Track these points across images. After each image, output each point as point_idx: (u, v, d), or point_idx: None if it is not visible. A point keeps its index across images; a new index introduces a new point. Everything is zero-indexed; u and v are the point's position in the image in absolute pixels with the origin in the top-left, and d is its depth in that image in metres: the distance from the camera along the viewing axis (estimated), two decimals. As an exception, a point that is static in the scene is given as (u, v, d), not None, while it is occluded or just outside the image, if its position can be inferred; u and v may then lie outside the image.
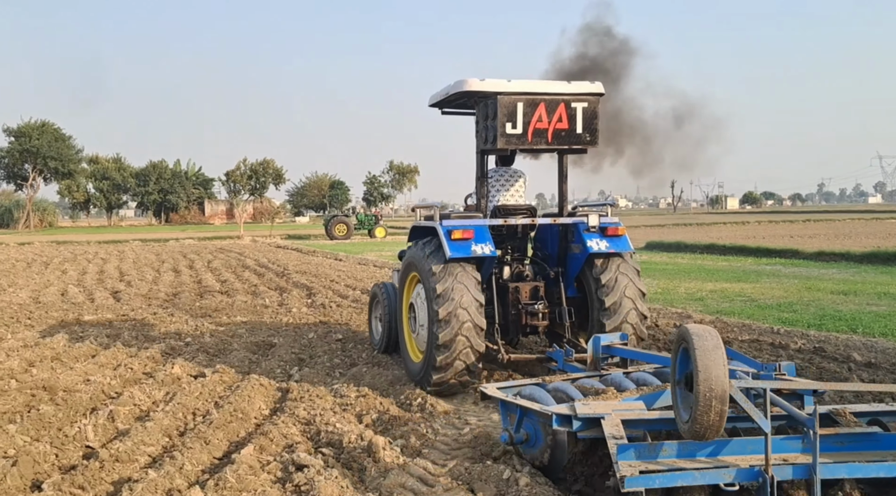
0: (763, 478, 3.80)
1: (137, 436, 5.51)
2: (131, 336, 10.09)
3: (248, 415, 6.26)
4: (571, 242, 7.48)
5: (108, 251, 33.06)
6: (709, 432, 3.77)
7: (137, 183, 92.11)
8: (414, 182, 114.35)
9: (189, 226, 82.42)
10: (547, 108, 6.93)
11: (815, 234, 35.67)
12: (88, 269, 22.75)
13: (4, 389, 7.17)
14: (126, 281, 18.53)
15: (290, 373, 7.91)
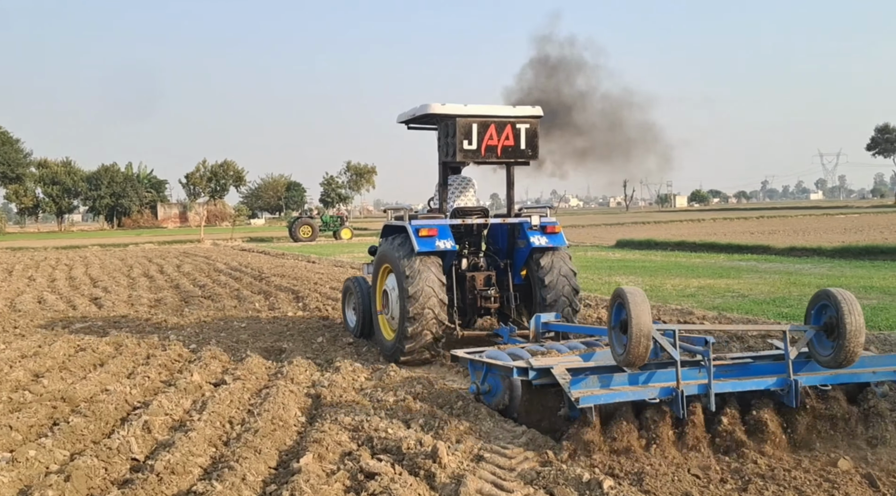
0: (675, 393, 5.19)
1: (184, 447, 5.36)
2: (133, 343, 9.82)
3: (288, 422, 6.14)
4: (518, 238, 8.98)
5: (70, 257, 32.16)
6: (637, 361, 5.13)
7: (89, 187, 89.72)
8: (372, 182, 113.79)
9: (142, 230, 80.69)
10: (497, 128, 8.47)
11: (774, 230, 36.61)
12: (56, 276, 22.10)
13: (21, 402, 6.93)
14: (101, 287, 18.04)
15: (314, 378, 7.79)
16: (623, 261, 21.06)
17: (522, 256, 8.92)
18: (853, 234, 30.23)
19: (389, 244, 8.71)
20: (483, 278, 8.96)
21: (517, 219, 8.90)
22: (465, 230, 9.03)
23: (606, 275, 16.92)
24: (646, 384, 5.32)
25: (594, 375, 5.32)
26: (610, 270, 18.26)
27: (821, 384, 5.55)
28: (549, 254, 8.70)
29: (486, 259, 9.23)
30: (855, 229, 34.98)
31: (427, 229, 8.30)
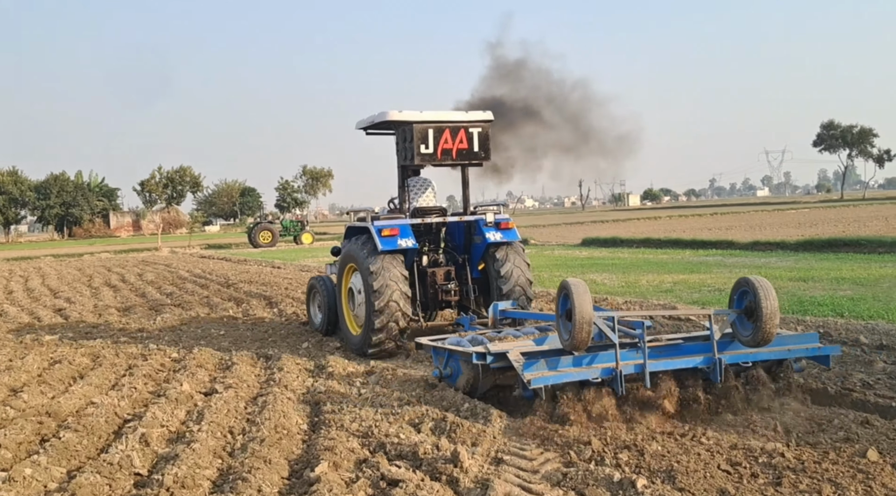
0: (615, 372, 5.76)
1: (188, 459, 5.16)
2: (111, 354, 9.50)
3: (291, 430, 5.97)
4: (474, 235, 9.48)
5: (23, 268, 31.15)
6: (581, 345, 5.78)
7: (37, 196, 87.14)
8: (328, 186, 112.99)
9: (95, 239, 78.63)
10: (451, 132, 8.96)
11: (731, 226, 37.28)
12: (12, 288, 21.35)
13: (4, 417, 6.62)
14: (63, 297, 17.47)
15: (308, 384, 7.60)
16: (592, 259, 21.19)
17: (479, 251, 9.49)
18: (807, 228, 30.98)
19: (354, 244, 9.16)
20: (443, 273, 9.49)
21: (473, 216, 9.45)
22: (424, 229, 9.55)
23: (580, 273, 16.98)
24: (589, 365, 5.92)
25: (543, 359, 5.96)
26: (582, 268, 18.34)
27: (742, 361, 6.23)
28: (503, 248, 9.25)
29: (445, 255, 9.77)
30: (808, 223, 35.85)
31: (389, 229, 8.76)
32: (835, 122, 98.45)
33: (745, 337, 6.07)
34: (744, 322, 6.12)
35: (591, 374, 5.84)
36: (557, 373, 5.83)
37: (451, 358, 6.85)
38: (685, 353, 6.15)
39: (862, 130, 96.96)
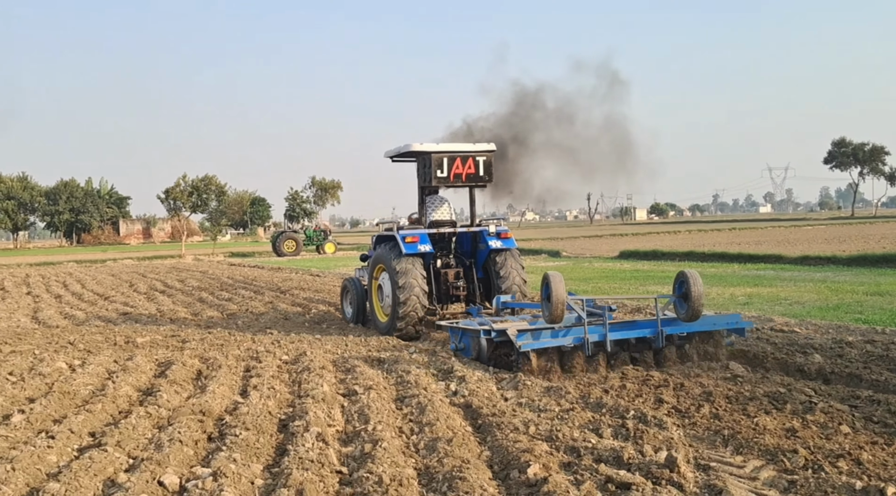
0: (583, 339, 7.79)
1: (384, 458, 5.17)
2: (219, 355, 9.46)
3: (458, 431, 5.91)
4: (479, 243, 11.47)
5: (52, 273, 31.11)
6: (557, 319, 7.82)
7: (47, 202, 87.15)
8: (337, 197, 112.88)
9: (105, 246, 78.58)
10: (461, 160, 11.05)
11: (759, 241, 37.22)
12: (58, 292, 21.30)
13: (161, 417, 6.61)
14: (120, 301, 17.45)
15: (441, 387, 7.56)
16: (642, 272, 21.14)
17: (483, 256, 11.47)
18: (838, 244, 30.94)
19: (383, 249, 11.27)
20: (453, 273, 11.42)
21: (478, 227, 11.46)
22: (439, 237, 11.48)
23: (642, 285, 16.96)
24: (565, 336, 7.97)
25: (530, 332, 8.03)
26: (636, 280, 18.29)
27: (678, 332, 8.26)
28: (503, 253, 11.23)
29: (455, 259, 11.73)
30: (837, 239, 35.82)
31: (411, 237, 10.78)
32: (846, 140, 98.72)
33: (681, 314, 8.14)
34: (681, 303, 8.16)
35: (566, 342, 7.93)
36: (540, 341, 7.93)
37: (464, 335, 8.97)
38: (637, 327, 8.34)
39: (874, 148, 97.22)
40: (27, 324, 14.00)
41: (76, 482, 4.96)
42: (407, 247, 10.66)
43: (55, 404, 7.18)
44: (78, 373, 8.60)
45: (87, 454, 5.46)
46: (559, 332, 7.99)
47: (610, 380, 7.35)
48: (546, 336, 7.98)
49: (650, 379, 7.29)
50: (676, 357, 8.14)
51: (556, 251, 31.89)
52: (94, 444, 5.91)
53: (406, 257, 10.65)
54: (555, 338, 7.95)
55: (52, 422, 6.79)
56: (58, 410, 7.08)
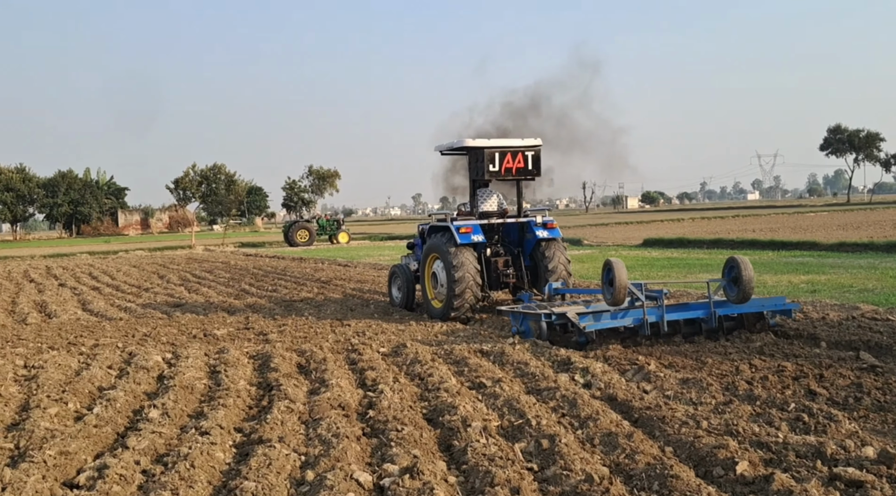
0: (642, 320, 8.54)
1: (574, 456, 5.07)
2: (314, 348, 9.34)
3: (620, 425, 5.86)
4: (527, 233, 12.03)
5: (75, 265, 30.81)
6: (619, 301, 8.60)
7: (45, 194, 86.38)
8: (335, 186, 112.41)
9: (105, 237, 77.96)
10: (511, 155, 11.63)
11: (774, 227, 37.28)
12: (92, 284, 21.07)
13: (304, 412, 6.52)
14: (163, 292, 17.27)
15: (564, 380, 7.48)
16: (673, 260, 21.05)
17: (530, 245, 12.02)
18: (854, 230, 31.04)
19: (437, 239, 11.73)
20: (503, 261, 12.00)
21: (526, 218, 11.97)
22: (488, 227, 11.97)
23: (690, 273, 16.93)
24: (624, 317, 8.72)
25: (591, 315, 8.80)
26: (673, 268, 18.23)
27: (730, 313, 9.00)
28: (550, 242, 11.80)
29: (504, 248, 12.24)
30: (852, 225, 35.88)
31: (465, 227, 11.34)
32: (842, 126, 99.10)
33: (732, 297, 8.86)
34: (731, 287, 8.88)
35: (626, 322, 8.67)
36: (602, 323, 8.66)
37: (524, 319, 9.58)
38: (692, 309, 9.09)
39: (869, 134, 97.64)
40: (86, 316, 13.82)
41: (266, 480, 4.86)
42: (461, 237, 11.25)
43: (182, 399, 7.07)
44: (180, 366, 8.47)
45: (258, 450, 5.35)
46: (619, 314, 8.76)
47: (742, 372, 7.28)
48: (607, 317, 8.75)
49: (784, 369, 7.23)
50: (725, 337, 8.90)
51: (578, 239, 31.79)
52: (253, 441, 5.79)
53: (460, 247, 11.27)
54: (615, 320, 8.72)
55: (187, 417, 6.69)
56: (187, 405, 6.97)
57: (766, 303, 9.29)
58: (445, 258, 11.34)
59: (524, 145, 11.77)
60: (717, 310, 8.85)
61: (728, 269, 8.94)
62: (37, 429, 6.06)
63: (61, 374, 8.38)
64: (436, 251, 11.74)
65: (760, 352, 8.10)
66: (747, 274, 8.61)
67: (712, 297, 8.95)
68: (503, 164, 11.59)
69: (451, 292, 11.27)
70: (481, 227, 11.58)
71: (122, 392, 7.30)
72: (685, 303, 9.63)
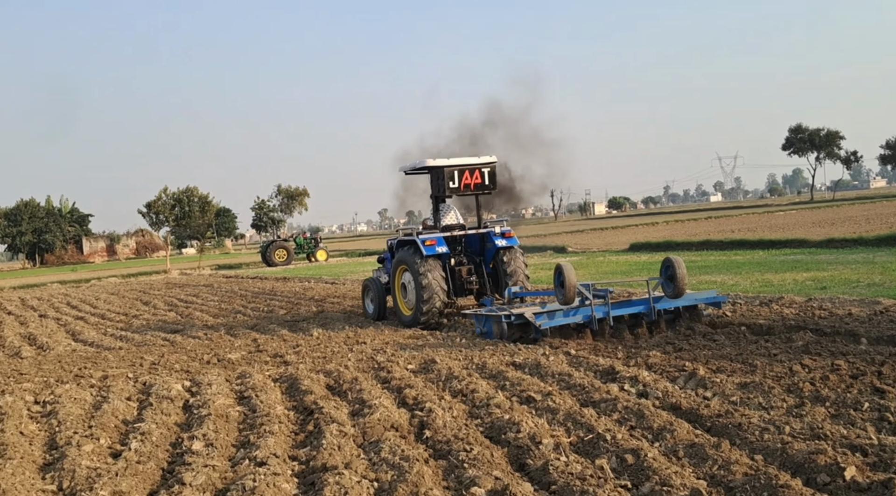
0: (590, 316, 9.60)
1: (667, 470, 4.84)
2: (340, 368, 9.01)
3: (704, 436, 5.65)
4: (487, 242, 12.98)
5: (49, 295, 29.90)
6: (569, 301, 9.62)
7: (8, 223, 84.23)
8: (304, 205, 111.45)
9: (71, 265, 76.19)
10: (469, 172, 12.73)
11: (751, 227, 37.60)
12: (74, 314, 20.40)
13: (359, 435, 6.21)
14: (159, 319, 16.73)
15: (616, 389, 7.26)
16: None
17: (490, 254, 12.98)
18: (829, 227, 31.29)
19: (405, 252, 12.65)
20: (466, 270, 12.93)
21: (486, 229, 12.94)
22: (452, 239, 12.89)
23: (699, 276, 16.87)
24: (574, 315, 9.81)
25: (546, 314, 9.84)
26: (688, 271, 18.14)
27: (665, 308, 10.02)
28: (509, 250, 12.71)
29: (466, 257, 13.13)
30: (827, 222, 36.32)
31: (430, 240, 12.25)
32: (802, 126, 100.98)
33: (668, 293, 9.94)
34: (668, 284, 9.94)
35: (577, 319, 9.78)
36: (556, 320, 9.73)
37: (486, 320, 10.66)
38: (634, 305, 10.04)
39: (829, 133, 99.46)
40: (81, 347, 13.28)
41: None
42: (427, 249, 12.16)
43: (222, 429, 6.71)
44: (205, 394, 8.08)
45: (327, 478, 5.03)
46: (570, 312, 9.78)
47: (798, 373, 7.11)
48: (560, 316, 9.77)
49: (838, 368, 7.08)
50: (665, 328, 9.91)
51: (562, 246, 31.78)
52: (316, 469, 5.47)
53: (427, 258, 12.17)
54: (567, 317, 9.75)
55: (232, 447, 6.33)
56: (228, 434, 6.62)
57: (699, 296, 10.27)
58: (413, 269, 12.23)
59: (480, 162, 12.78)
60: (657, 305, 9.88)
61: (665, 268, 9.95)
62: (78, 469, 5.67)
63: (79, 409, 7.94)
64: (404, 263, 12.64)
65: (806, 351, 7.95)
66: (681, 272, 9.65)
67: (652, 294, 9.91)
68: (462, 181, 12.64)
69: (419, 300, 12.13)
70: (445, 239, 12.52)
71: (153, 424, 6.90)
72: (628, 300, 10.50)
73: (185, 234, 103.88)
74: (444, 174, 12.58)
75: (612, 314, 9.65)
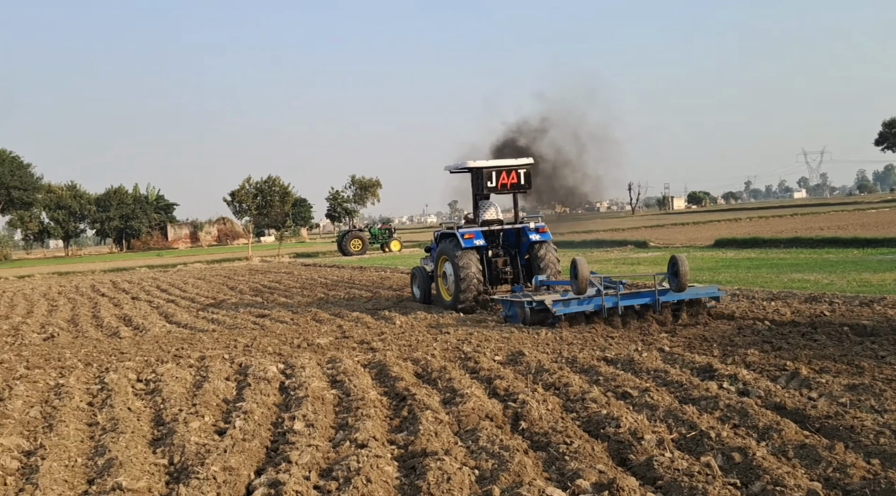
0: (601, 305, 10.55)
1: (777, 471, 4.69)
2: (443, 357, 9.09)
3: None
4: (522, 236, 14.10)
5: (139, 279, 31.15)
6: (582, 291, 10.65)
7: (98, 210, 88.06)
8: (377, 196, 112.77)
9: (156, 251, 79.09)
10: (507, 172, 13.97)
11: (842, 225, 36.14)
12: (170, 297, 21.18)
13: (453, 422, 6.24)
14: (247, 303, 17.22)
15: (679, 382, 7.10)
16: (755, 261, 20.44)
17: (525, 247, 14.08)
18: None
19: (446, 244, 13.89)
20: (502, 261, 14.12)
21: (521, 224, 14.10)
22: (489, 233, 14.01)
23: (782, 273, 16.33)
24: (587, 304, 10.72)
25: (562, 302, 10.72)
26: (776, 269, 17.65)
27: (671, 300, 10.82)
28: (542, 244, 13.79)
29: (503, 249, 14.29)
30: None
31: (468, 234, 13.50)
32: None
33: (673, 287, 10.68)
34: (672, 279, 10.69)
35: (588, 308, 10.70)
36: (570, 308, 10.69)
37: (511, 305, 11.72)
38: (641, 297, 10.89)
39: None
40: (175, 329, 13.78)
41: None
42: (465, 242, 13.37)
43: (321, 411, 6.84)
44: (299, 377, 8.26)
45: (429, 464, 5.07)
46: (584, 301, 10.76)
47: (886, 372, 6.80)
48: (574, 304, 10.75)
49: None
50: (671, 318, 10.76)
51: (643, 241, 31.23)
52: (416, 454, 5.53)
53: (465, 250, 13.32)
54: (581, 306, 10.73)
55: (331, 428, 6.46)
56: (326, 416, 6.75)
57: (700, 291, 11.14)
58: (453, 259, 13.45)
59: (517, 164, 14.05)
60: (661, 297, 10.79)
61: (671, 265, 10.75)
62: (187, 444, 5.88)
63: (181, 387, 8.24)
64: (445, 254, 13.89)
65: (917, 354, 7.61)
66: (684, 268, 10.56)
67: (657, 287, 10.89)
68: (499, 180, 13.85)
69: (457, 287, 13.37)
70: (483, 233, 13.68)
71: (253, 404, 7.10)
72: (636, 292, 11.21)
73: (264, 222, 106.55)
74: (483, 174, 13.81)
75: (621, 304, 10.59)
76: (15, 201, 74.99)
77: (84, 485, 5.37)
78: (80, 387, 8.69)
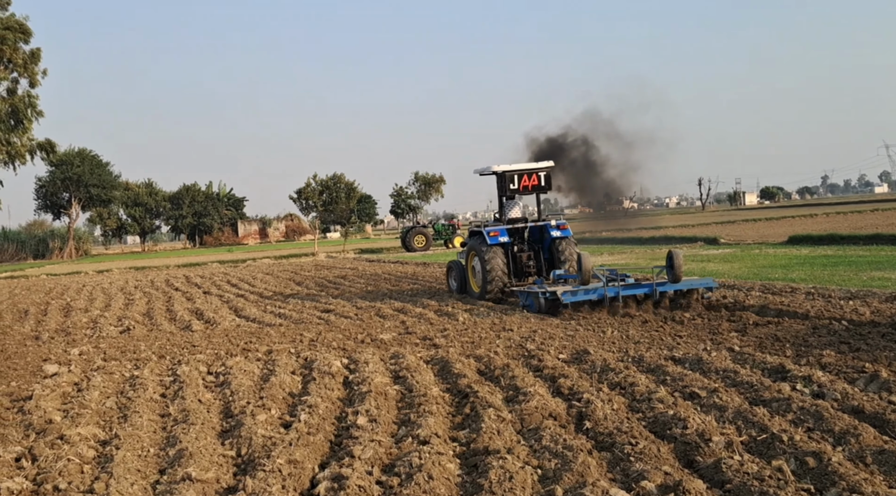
0: (603, 294, 11.97)
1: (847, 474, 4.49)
2: (505, 354, 9.06)
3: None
4: (544, 233, 15.11)
5: (210, 274, 32.02)
6: (587, 282, 12.37)
7: (172, 206, 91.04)
8: (440, 192, 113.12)
9: (227, 246, 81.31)
10: (528, 175, 15.11)
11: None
12: (239, 292, 21.71)
13: (517, 420, 6.19)
14: (312, 297, 17.51)
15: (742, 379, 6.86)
16: (834, 258, 19.69)
17: (547, 243, 15.09)
18: None
19: (474, 240, 15.20)
20: (526, 256, 15.08)
21: (543, 222, 15.19)
22: (514, 230, 15.07)
23: (861, 271, 15.71)
24: (592, 293, 11.94)
25: (570, 292, 12.00)
26: (856, 267, 16.98)
27: (668, 290, 12.07)
28: (563, 241, 14.81)
29: (527, 245, 15.22)
30: None
31: (494, 231, 14.64)
32: None
33: (670, 278, 12.04)
34: (669, 271, 12.03)
35: (593, 296, 11.94)
36: (576, 297, 11.96)
37: (528, 296, 13.11)
38: (640, 288, 12.11)
39: None
40: (244, 323, 14.10)
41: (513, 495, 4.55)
42: (491, 239, 14.51)
43: (383, 406, 6.90)
44: (362, 372, 8.34)
45: (491, 462, 5.05)
46: (590, 291, 12.01)
47: None
48: (581, 294, 12.04)
49: None
50: (668, 306, 11.98)
51: (713, 237, 30.44)
52: (478, 451, 5.51)
53: (490, 246, 14.49)
54: (586, 295, 12.00)
55: (394, 424, 6.50)
56: (389, 412, 6.79)
57: (694, 282, 12.31)
58: (480, 255, 14.65)
59: (537, 167, 15.24)
60: (658, 288, 11.99)
61: (668, 259, 12.11)
62: (254, 437, 6.00)
63: (249, 381, 8.42)
64: (473, 250, 15.18)
65: None
66: (678, 262, 11.91)
67: (656, 279, 12.33)
68: (521, 183, 15.05)
69: (484, 280, 14.61)
70: (508, 230, 14.83)
71: (318, 398, 7.21)
72: (636, 283, 12.45)
73: (330, 218, 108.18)
74: (506, 177, 15.04)
75: (622, 294, 11.87)
76: (94, 199, 78.00)
77: (156, 475, 5.54)
78: (154, 379, 8.97)
